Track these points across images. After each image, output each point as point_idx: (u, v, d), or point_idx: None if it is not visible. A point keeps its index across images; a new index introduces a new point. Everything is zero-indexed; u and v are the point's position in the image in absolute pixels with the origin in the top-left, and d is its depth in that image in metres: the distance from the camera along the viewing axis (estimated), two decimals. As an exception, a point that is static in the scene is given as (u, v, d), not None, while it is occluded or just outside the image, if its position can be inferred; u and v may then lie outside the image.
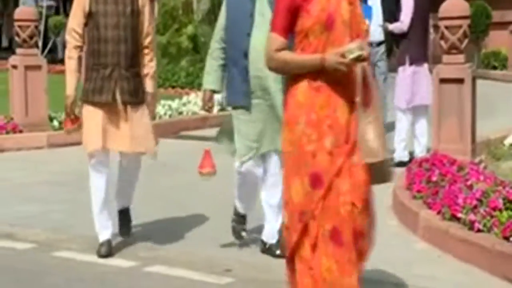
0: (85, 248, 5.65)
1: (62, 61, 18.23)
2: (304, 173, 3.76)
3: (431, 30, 8.80)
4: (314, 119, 3.75)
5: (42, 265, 5.38)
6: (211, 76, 5.48)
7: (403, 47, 8.42)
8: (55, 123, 9.99)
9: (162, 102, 11.19)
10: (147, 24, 5.58)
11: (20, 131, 9.76)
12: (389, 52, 9.47)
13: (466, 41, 7.51)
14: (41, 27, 17.46)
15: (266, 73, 4.88)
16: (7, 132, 9.68)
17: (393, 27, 8.55)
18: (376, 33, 9.13)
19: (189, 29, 15.52)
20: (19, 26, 9.92)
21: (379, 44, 9.43)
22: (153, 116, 5.78)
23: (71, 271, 5.26)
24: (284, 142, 3.88)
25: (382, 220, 6.18)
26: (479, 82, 7.62)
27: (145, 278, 5.09)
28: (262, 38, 4.71)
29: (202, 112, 11.21)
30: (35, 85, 9.89)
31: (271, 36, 3.85)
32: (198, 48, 15.39)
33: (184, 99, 11.88)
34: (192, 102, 11.60)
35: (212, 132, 6.77)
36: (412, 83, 8.29)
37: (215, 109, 10.96)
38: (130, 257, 5.45)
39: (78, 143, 9.50)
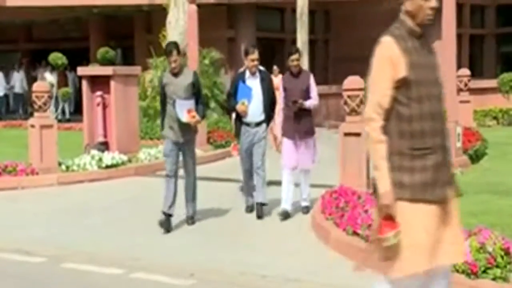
0: (84, 260, 5.54)
1: (68, 120, 18.14)
2: None
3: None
4: None
5: (52, 274, 5.25)
6: None
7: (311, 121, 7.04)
8: (63, 167, 9.84)
9: (143, 149, 11.11)
10: None
11: (37, 173, 9.56)
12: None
13: (362, 106, 7.63)
14: (53, 96, 17.33)
15: None
16: (27, 174, 9.48)
17: (310, 104, 6.87)
18: (257, 113, 6.95)
19: (163, 96, 15.56)
20: (36, 96, 9.80)
21: (258, 124, 6.98)
22: None
23: (73, 278, 5.15)
24: None
25: (305, 235, 6.26)
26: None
27: (130, 282, 5.01)
28: None
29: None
30: (47, 139, 9.74)
31: None
32: (169, 111, 15.44)
33: (160, 147, 11.78)
34: (165, 150, 11.52)
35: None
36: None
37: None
38: (119, 266, 5.34)
39: (81, 181, 9.56)
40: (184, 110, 6.41)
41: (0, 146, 12.95)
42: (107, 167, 10.05)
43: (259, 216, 6.94)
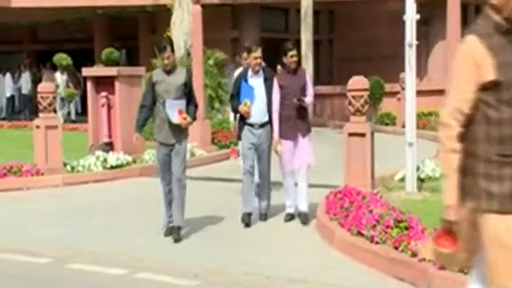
0: (89, 260, 5.54)
1: (73, 121, 18.17)
2: None
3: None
4: None
5: (57, 275, 5.26)
6: None
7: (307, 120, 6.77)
8: (68, 167, 9.86)
9: (148, 150, 11.11)
10: None
11: (42, 174, 9.58)
12: None
13: (366, 106, 7.63)
14: (59, 97, 17.38)
15: None
16: (32, 175, 9.50)
17: (309, 101, 6.64)
18: (261, 114, 6.62)
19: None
20: (41, 97, 9.83)
21: (262, 125, 6.66)
22: None
23: (78, 278, 5.16)
24: None
25: (309, 235, 6.25)
26: (376, 135, 7.74)
27: (134, 283, 5.01)
28: None
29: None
30: (52, 140, 9.77)
31: None
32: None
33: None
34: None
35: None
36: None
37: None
38: (124, 266, 5.35)
39: (85, 182, 9.58)
40: (175, 111, 6.08)
41: (5, 147, 12.99)
42: (112, 167, 10.06)
43: (263, 219, 6.91)
